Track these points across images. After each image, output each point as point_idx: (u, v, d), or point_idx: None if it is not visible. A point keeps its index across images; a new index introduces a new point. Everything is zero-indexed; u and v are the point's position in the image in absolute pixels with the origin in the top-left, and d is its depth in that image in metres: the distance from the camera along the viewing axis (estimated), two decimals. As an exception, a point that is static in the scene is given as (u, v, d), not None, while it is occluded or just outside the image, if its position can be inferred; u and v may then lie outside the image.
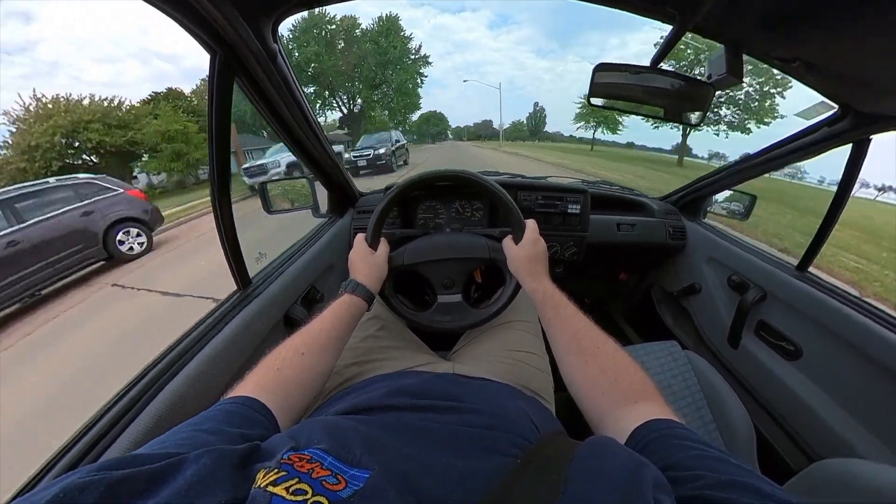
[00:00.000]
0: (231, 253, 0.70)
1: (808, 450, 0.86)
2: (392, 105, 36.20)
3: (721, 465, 0.27)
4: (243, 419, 0.34)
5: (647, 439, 0.33)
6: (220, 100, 0.57)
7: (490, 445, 0.35)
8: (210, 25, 0.48)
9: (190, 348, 0.58)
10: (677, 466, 0.28)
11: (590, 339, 0.48)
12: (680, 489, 0.25)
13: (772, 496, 0.23)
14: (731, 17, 0.49)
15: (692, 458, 0.28)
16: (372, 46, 31.34)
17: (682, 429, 0.33)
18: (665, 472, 0.27)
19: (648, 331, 1.60)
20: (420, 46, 33.88)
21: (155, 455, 0.23)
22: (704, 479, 0.25)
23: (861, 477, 0.51)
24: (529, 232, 0.67)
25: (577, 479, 0.26)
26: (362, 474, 0.26)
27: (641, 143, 55.86)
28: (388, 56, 31.89)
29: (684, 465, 0.28)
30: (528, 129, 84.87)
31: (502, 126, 45.08)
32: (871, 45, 0.46)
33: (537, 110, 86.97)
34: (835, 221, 0.87)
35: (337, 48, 30.12)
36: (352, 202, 1.21)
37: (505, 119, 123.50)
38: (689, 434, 0.32)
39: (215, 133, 0.59)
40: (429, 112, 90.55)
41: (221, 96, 0.57)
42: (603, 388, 0.43)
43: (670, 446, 0.31)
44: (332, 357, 0.51)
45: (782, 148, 0.92)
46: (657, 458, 0.30)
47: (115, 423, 0.46)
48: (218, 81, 0.55)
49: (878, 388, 0.74)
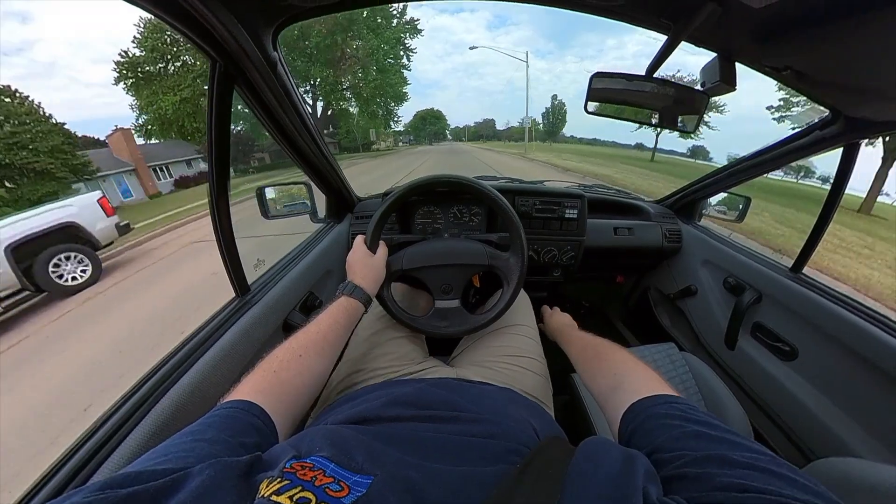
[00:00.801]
0: (229, 259, 0.69)
1: (805, 449, 0.86)
2: (361, 89, 23.34)
3: (699, 441, 0.29)
4: (242, 425, 0.34)
5: (634, 424, 0.35)
6: (220, 107, 0.57)
7: (491, 453, 0.35)
8: (211, 35, 0.48)
9: (190, 355, 0.57)
10: (661, 449, 0.30)
11: (603, 345, 0.57)
12: (663, 470, 0.27)
13: (737, 463, 0.25)
14: (724, 28, 0.50)
15: (673, 439, 0.30)
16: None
17: (662, 405, 0.35)
18: (651, 457, 0.29)
19: (646, 333, 1.61)
20: (405, 9, 21.69)
21: (159, 471, 0.23)
22: (683, 458, 0.27)
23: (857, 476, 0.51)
24: (549, 315, 0.84)
25: (574, 481, 0.27)
26: (365, 480, 0.26)
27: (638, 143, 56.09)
28: (352, 18, 20.60)
29: (666, 447, 0.30)
30: (545, 127, 71.52)
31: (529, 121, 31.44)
32: (859, 53, 0.48)
33: (556, 105, 73.15)
34: (828, 222, 0.88)
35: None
36: (350, 207, 1.21)
37: (506, 120, 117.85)
38: (669, 410, 0.34)
39: (214, 140, 0.59)
40: (425, 110, 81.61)
41: (221, 104, 0.57)
42: (597, 374, 0.51)
43: (653, 428, 0.33)
44: (329, 359, 0.51)
45: (775, 151, 0.94)
46: (644, 443, 0.32)
47: (114, 433, 0.45)
48: (218, 89, 0.55)
49: (873, 387, 0.75)
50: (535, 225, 1.15)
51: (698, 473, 0.25)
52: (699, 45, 0.55)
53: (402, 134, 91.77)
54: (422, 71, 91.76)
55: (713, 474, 0.24)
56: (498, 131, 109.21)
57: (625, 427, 0.37)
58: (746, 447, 0.26)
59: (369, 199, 1.27)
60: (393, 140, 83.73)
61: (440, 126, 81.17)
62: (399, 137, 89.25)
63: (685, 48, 0.57)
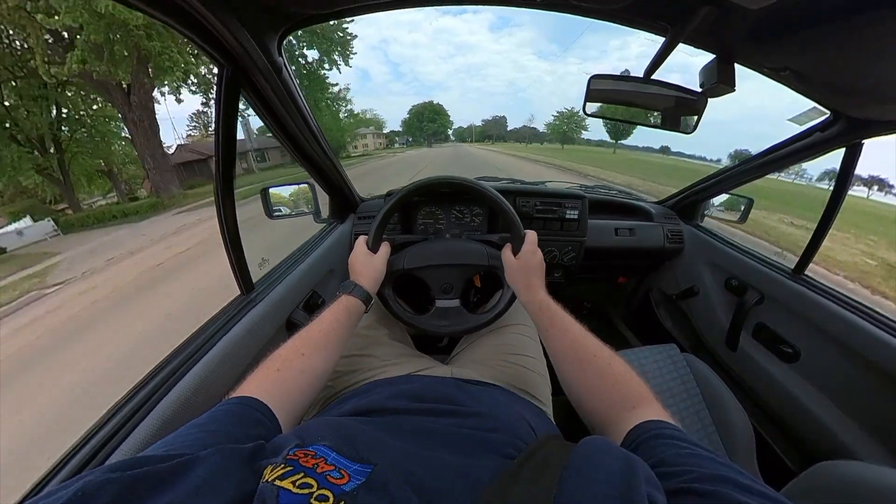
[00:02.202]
0: (234, 257, 0.71)
1: (807, 452, 0.86)
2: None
3: (708, 461, 0.28)
4: (246, 419, 0.35)
5: (640, 440, 0.34)
6: (227, 111, 0.59)
7: (489, 446, 0.36)
8: (219, 41, 0.50)
9: (196, 351, 0.59)
10: (666, 462, 0.29)
11: (586, 348, 0.49)
12: (668, 483, 0.26)
13: (750, 489, 0.24)
14: (722, 29, 0.50)
15: (681, 455, 0.29)
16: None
17: (673, 429, 0.35)
18: (655, 469, 0.28)
19: (647, 334, 1.61)
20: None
21: (166, 455, 0.24)
22: (692, 473, 0.27)
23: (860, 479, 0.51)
24: (527, 244, 0.67)
25: (572, 476, 0.27)
26: (365, 469, 0.27)
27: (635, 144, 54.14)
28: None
29: (673, 462, 0.29)
30: (560, 128, 60.43)
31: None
32: (855, 54, 0.48)
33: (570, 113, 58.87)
34: (830, 224, 0.88)
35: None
36: (353, 208, 1.23)
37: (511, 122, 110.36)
38: (679, 434, 0.34)
39: (222, 141, 0.60)
40: (421, 105, 69.45)
41: (228, 107, 0.59)
42: (601, 395, 0.44)
43: (660, 445, 0.32)
44: (331, 357, 0.52)
45: (777, 152, 0.94)
46: (648, 455, 0.31)
47: (123, 425, 0.47)
48: (225, 93, 0.57)
49: (876, 390, 0.75)
50: (535, 226, 1.15)
51: (709, 490, 0.24)
52: (697, 46, 0.56)
53: (400, 134, 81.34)
54: (425, 73, 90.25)
55: (725, 493, 0.24)
56: (508, 132, 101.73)
57: (628, 442, 0.36)
58: (754, 480, 0.26)
59: (372, 200, 1.28)
60: (385, 141, 74.78)
61: (440, 123, 68.21)
62: (395, 137, 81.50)
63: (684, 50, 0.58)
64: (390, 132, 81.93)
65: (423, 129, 64.48)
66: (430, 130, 65.71)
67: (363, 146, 62.87)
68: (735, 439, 0.80)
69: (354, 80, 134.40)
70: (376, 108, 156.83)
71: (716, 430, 0.84)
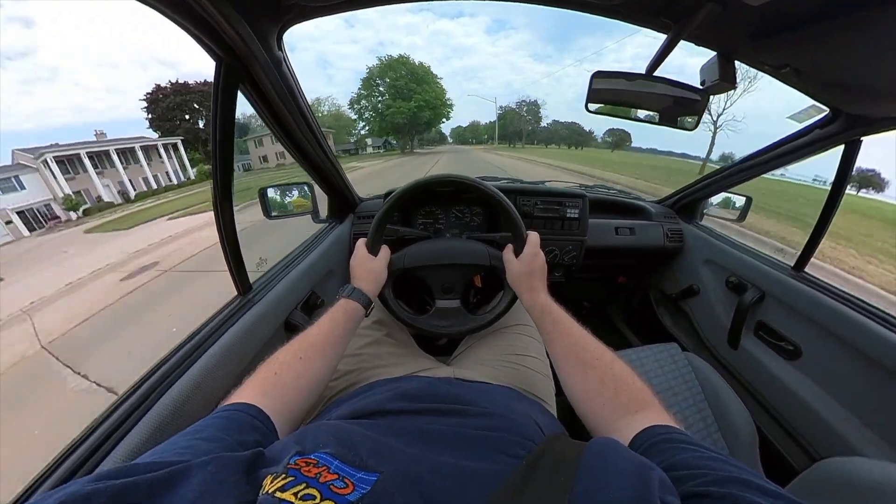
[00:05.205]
0: (232, 258, 0.70)
1: (811, 449, 0.86)
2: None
3: (719, 464, 0.28)
4: (241, 426, 0.34)
5: (648, 444, 0.34)
6: (224, 106, 0.57)
7: (496, 446, 0.35)
8: (216, 32, 0.49)
9: (191, 354, 0.57)
10: (678, 466, 0.28)
11: (588, 351, 0.48)
12: (682, 486, 0.26)
13: (765, 490, 0.24)
14: (723, 27, 0.50)
15: (693, 459, 0.29)
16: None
17: (680, 433, 0.34)
18: (667, 473, 0.27)
19: (648, 333, 1.61)
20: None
21: (155, 463, 0.23)
22: (705, 476, 0.26)
23: (863, 475, 0.51)
24: (530, 246, 0.66)
25: (585, 477, 0.26)
26: (370, 477, 0.26)
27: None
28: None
29: (684, 465, 0.28)
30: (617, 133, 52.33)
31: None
32: (856, 50, 0.48)
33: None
34: (829, 221, 0.88)
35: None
36: (352, 208, 1.22)
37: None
38: (687, 438, 0.33)
39: (219, 139, 0.59)
40: (385, 62, 44.43)
41: (226, 102, 0.57)
42: (603, 398, 0.43)
43: (670, 449, 0.32)
44: (330, 362, 0.51)
45: (776, 150, 0.94)
46: (658, 459, 0.30)
47: (113, 431, 0.45)
48: (223, 88, 0.56)
49: (878, 386, 0.75)
50: (536, 225, 1.15)
51: (724, 493, 0.24)
52: (698, 43, 0.56)
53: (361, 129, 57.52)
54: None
55: (741, 496, 0.23)
56: (540, 128, 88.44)
57: (634, 447, 0.35)
58: (766, 480, 0.25)
59: (371, 200, 1.27)
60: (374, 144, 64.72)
61: (439, 113, 41.04)
62: (366, 139, 69.54)
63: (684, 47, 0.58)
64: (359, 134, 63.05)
65: (419, 121, 39.63)
66: (422, 126, 38.57)
67: (260, 158, 40.73)
68: (738, 438, 0.80)
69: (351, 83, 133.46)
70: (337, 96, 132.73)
71: (718, 428, 0.84)
